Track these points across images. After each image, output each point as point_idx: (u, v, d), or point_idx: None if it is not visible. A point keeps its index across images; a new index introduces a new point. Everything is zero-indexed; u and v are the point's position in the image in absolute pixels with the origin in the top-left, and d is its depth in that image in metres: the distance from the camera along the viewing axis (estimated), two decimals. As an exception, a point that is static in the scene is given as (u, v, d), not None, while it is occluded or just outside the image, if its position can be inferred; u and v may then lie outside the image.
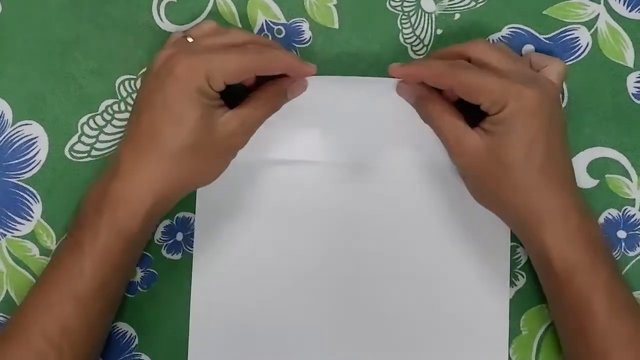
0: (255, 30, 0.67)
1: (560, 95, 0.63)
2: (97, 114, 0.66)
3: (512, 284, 0.66)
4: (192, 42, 0.61)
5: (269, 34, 0.67)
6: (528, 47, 0.67)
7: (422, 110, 0.64)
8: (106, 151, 0.66)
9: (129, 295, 0.66)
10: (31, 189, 0.66)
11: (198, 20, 0.67)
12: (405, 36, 0.67)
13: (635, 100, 0.66)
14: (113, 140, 0.66)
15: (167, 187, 0.59)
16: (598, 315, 0.58)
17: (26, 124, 0.66)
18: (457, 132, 0.61)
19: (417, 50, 0.67)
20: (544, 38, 0.67)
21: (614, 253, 0.65)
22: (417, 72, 0.62)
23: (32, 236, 0.66)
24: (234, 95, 0.62)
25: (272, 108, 0.63)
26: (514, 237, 0.65)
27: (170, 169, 0.58)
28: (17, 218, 0.66)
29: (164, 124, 0.58)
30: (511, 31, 0.67)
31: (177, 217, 0.66)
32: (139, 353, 0.66)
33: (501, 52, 0.61)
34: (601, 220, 0.66)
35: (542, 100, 0.58)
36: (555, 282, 0.60)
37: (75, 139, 0.66)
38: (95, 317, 0.60)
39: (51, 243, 0.66)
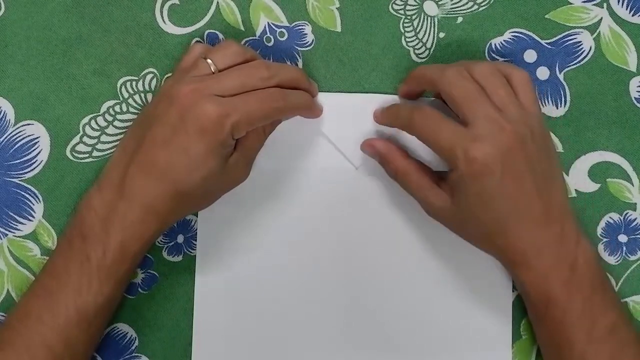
0: (258, 33, 0.67)
1: (539, 112, 0.60)
2: (99, 115, 0.66)
3: (512, 288, 0.66)
4: (216, 78, 0.59)
5: (271, 37, 0.67)
6: (530, 52, 0.67)
7: (386, 170, 0.64)
8: (107, 152, 0.66)
9: (130, 297, 0.66)
10: (33, 189, 0.66)
11: (201, 23, 0.67)
12: (407, 39, 0.67)
13: (638, 105, 0.66)
14: (114, 141, 0.66)
15: (172, 215, 0.61)
16: (574, 343, 0.58)
17: (28, 124, 0.66)
18: (423, 193, 0.62)
19: (419, 54, 0.67)
20: (546, 42, 0.67)
21: (614, 258, 0.66)
22: (386, 120, 0.64)
23: (33, 236, 0.66)
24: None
25: (269, 134, 0.65)
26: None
27: (178, 202, 0.59)
28: (18, 218, 0.66)
29: (180, 167, 0.58)
30: (513, 35, 0.67)
31: (178, 218, 0.66)
32: (139, 355, 0.66)
33: (467, 86, 0.59)
34: (602, 224, 0.66)
35: (493, 157, 0.56)
36: (532, 312, 0.62)
37: (77, 139, 0.66)
38: (97, 330, 0.61)
39: (52, 243, 0.66)
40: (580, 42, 0.67)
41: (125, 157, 0.60)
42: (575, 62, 0.67)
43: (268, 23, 0.67)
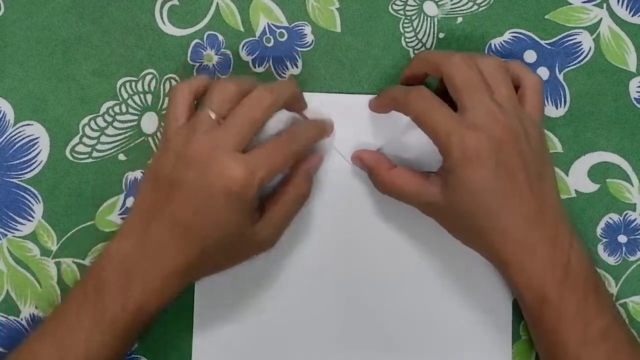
0: (258, 34, 0.67)
1: (537, 117, 0.60)
2: (99, 115, 0.66)
3: (512, 288, 0.66)
4: (227, 129, 0.58)
5: (271, 37, 0.67)
6: (529, 52, 0.67)
7: (374, 182, 0.64)
8: (107, 152, 0.66)
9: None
10: (32, 189, 0.66)
11: (201, 24, 0.67)
12: (407, 40, 0.67)
13: (637, 105, 0.66)
14: (114, 142, 0.66)
15: (195, 276, 0.60)
16: (568, 345, 0.58)
17: (27, 125, 0.66)
18: (412, 198, 0.61)
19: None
20: (546, 43, 0.67)
21: (614, 258, 0.66)
22: (382, 103, 0.64)
23: (33, 236, 0.66)
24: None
25: (302, 202, 0.64)
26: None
27: (202, 262, 0.58)
28: (18, 218, 0.66)
29: (204, 225, 0.57)
30: (513, 36, 0.67)
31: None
32: (139, 356, 0.66)
33: (471, 74, 0.58)
34: (602, 224, 0.66)
35: (488, 147, 0.56)
36: (527, 313, 0.61)
37: (76, 139, 0.66)
38: None
39: (52, 244, 0.66)
40: (580, 42, 0.67)
41: (145, 215, 0.59)
42: (575, 62, 0.67)
43: (268, 24, 0.67)
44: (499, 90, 0.59)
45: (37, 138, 0.66)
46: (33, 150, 0.66)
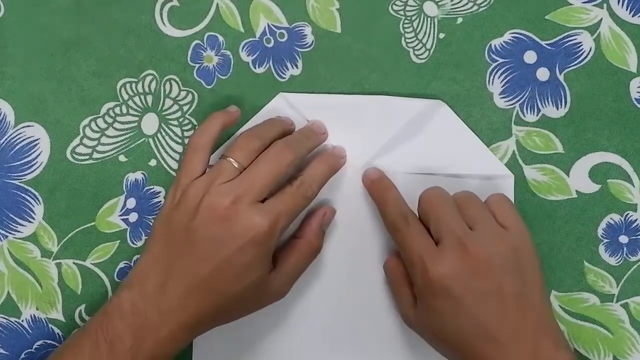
0: (258, 35, 0.67)
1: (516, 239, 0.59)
2: (99, 117, 0.66)
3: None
4: (249, 180, 0.58)
5: (271, 38, 0.67)
6: (530, 53, 0.67)
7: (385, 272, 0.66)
8: (108, 154, 0.66)
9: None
10: (33, 190, 0.66)
11: (201, 25, 0.67)
12: (407, 40, 0.67)
13: (638, 105, 0.66)
14: (114, 142, 0.66)
15: (207, 327, 0.60)
16: None
17: (28, 126, 0.66)
18: (398, 304, 0.64)
19: (419, 55, 0.67)
20: (546, 43, 0.67)
21: (615, 259, 0.66)
22: (372, 192, 0.65)
23: (33, 238, 0.66)
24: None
25: (315, 255, 0.64)
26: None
27: (216, 315, 0.58)
28: (18, 219, 0.66)
29: (227, 277, 0.57)
30: (513, 36, 0.67)
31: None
32: None
33: (441, 206, 0.59)
34: (603, 225, 0.66)
35: (450, 278, 0.56)
36: None
37: (77, 141, 0.66)
38: None
39: (52, 245, 0.66)
40: (580, 42, 0.67)
41: (159, 268, 0.58)
42: (575, 63, 0.67)
43: (268, 24, 0.67)
44: (470, 211, 0.59)
45: (37, 139, 0.66)
46: (33, 152, 0.66)
